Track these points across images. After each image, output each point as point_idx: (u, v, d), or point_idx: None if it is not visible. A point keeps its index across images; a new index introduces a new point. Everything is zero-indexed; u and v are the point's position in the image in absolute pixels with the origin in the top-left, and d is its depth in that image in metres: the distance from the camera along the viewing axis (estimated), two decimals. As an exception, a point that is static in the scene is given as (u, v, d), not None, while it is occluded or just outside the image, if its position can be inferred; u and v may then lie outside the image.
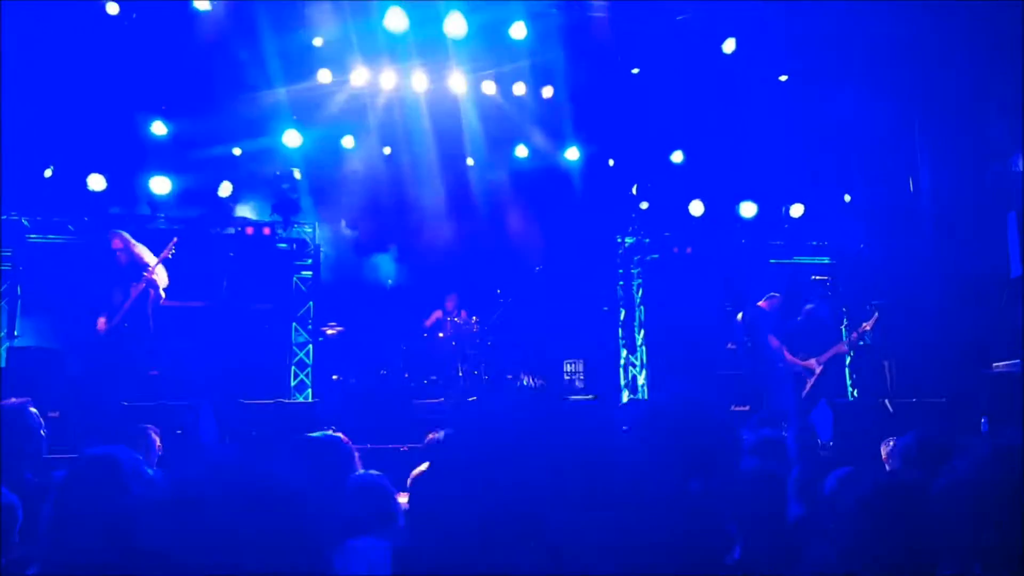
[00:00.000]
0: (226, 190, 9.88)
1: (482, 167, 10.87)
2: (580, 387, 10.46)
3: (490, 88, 10.10)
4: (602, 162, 10.97)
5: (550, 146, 10.79)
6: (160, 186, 9.50)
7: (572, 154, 10.79)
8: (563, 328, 10.72)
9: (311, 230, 10.58)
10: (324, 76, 9.57)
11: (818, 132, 10.46)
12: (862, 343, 9.24)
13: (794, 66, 9.96)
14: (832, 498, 2.66)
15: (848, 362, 10.66)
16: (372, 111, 10.17)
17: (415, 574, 1.76)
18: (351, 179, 10.59)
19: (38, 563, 2.47)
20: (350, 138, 10.43)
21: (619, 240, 11.46)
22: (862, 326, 8.90)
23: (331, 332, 10.50)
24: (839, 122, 10.29)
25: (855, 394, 10.58)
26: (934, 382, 8.65)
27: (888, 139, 10.37)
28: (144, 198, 9.67)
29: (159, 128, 9.37)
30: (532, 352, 10.49)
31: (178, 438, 6.99)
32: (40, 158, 9.21)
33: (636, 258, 11.55)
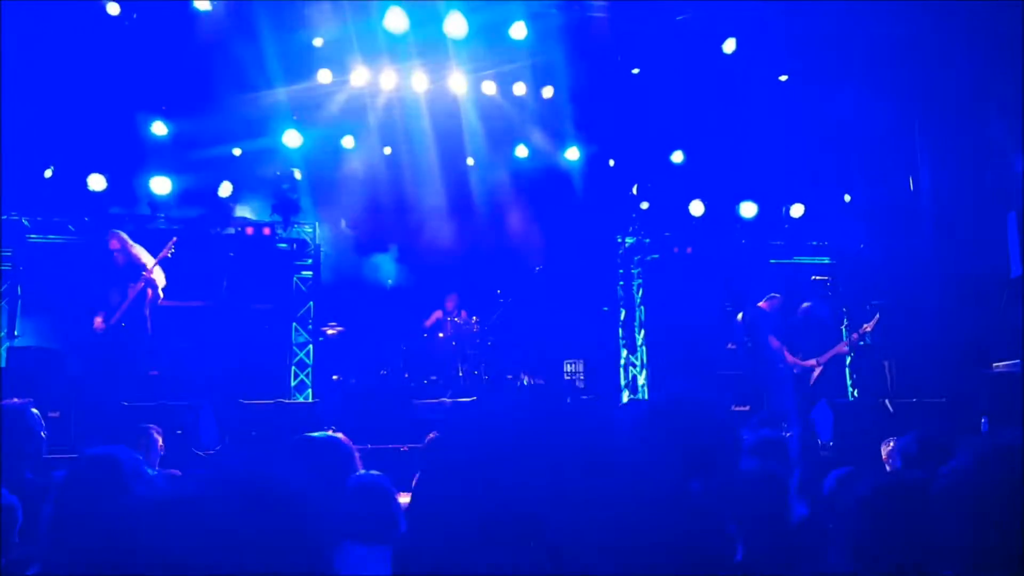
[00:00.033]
0: (226, 190, 9.88)
1: (482, 167, 10.87)
2: (580, 387, 10.47)
3: (490, 88, 10.10)
4: (602, 162, 10.97)
5: (550, 146, 10.79)
6: (160, 186, 9.50)
7: (572, 154, 10.79)
8: (563, 328, 10.72)
9: (311, 230, 10.58)
10: (324, 76, 9.57)
11: (818, 132, 10.46)
12: (862, 343, 9.24)
13: (794, 66, 9.95)
14: (832, 498, 2.66)
15: (848, 362, 10.66)
16: (372, 111, 10.18)
17: (415, 574, 1.76)
18: (351, 179, 10.59)
19: (38, 563, 2.47)
20: (350, 138, 10.43)
21: (619, 240, 11.46)
22: (863, 327, 8.90)
23: (331, 332, 10.50)
24: (839, 122, 10.29)
25: (855, 394, 10.58)
26: (934, 382, 8.65)
27: (888, 139, 10.37)
28: (144, 198, 9.67)
29: (159, 128, 9.37)
30: (532, 352, 10.50)
31: (178, 438, 7.00)
32: (40, 158, 9.21)
33: (636, 258, 11.55)
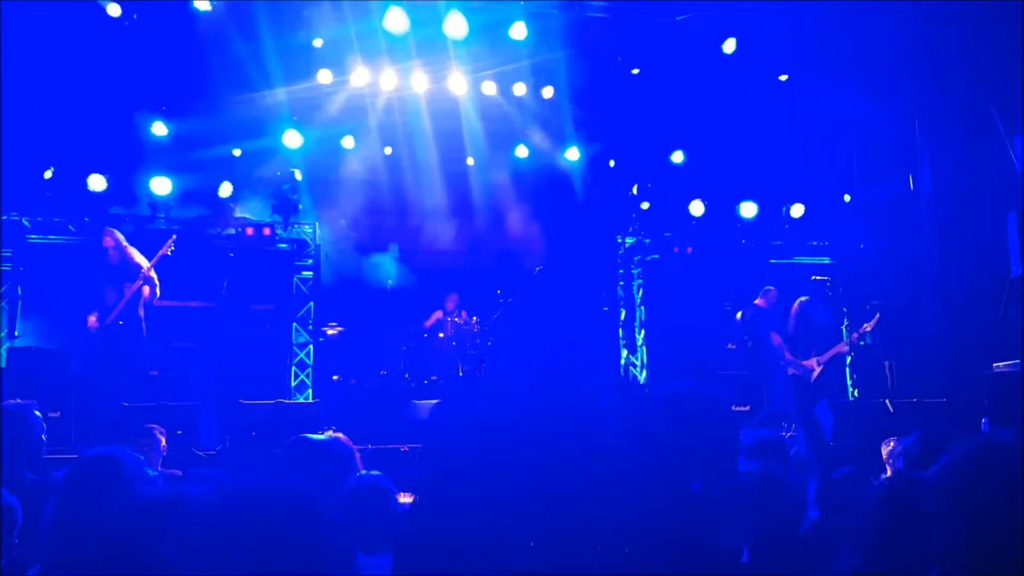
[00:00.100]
0: (226, 190, 9.88)
1: (482, 167, 10.87)
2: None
3: (490, 88, 10.10)
4: (602, 162, 10.98)
5: (550, 146, 10.79)
6: (160, 186, 9.50)
7: (572, 154, 10.79)
8: (563, 328, 10.71)
9: (311, 230, 10.58)
10: (324, 76, 9.57)
11: (818, 132, 10.46)
12: (863, 343, 9.24)
13: (794, 66, 9.95)
14: (839, 498, 2.66)
15: (848, 362, 10.66)
16: (372, 111, 10.18)
17: (416, 574, 1.76)
18: (351, 179, 10.59)
19: (38, 563, 2.47)
20: (350, 138, 10.43)
21: (619, 240, 11.46)
22: (863, 327, 8.90)
23: (331, 332, 10.50)
24: (839, 122, 10.30)
25: (855, 394, 10.58)
26: (934, 382, 8.65)
27: (888, 139, 10.37)
28: (144, 198, 9.67)
29: (159, 128, 9.37)
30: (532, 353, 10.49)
31: (179, 438, 7.00)
32: (40, 158, 9.22)
33: (636, 258, 11.56)
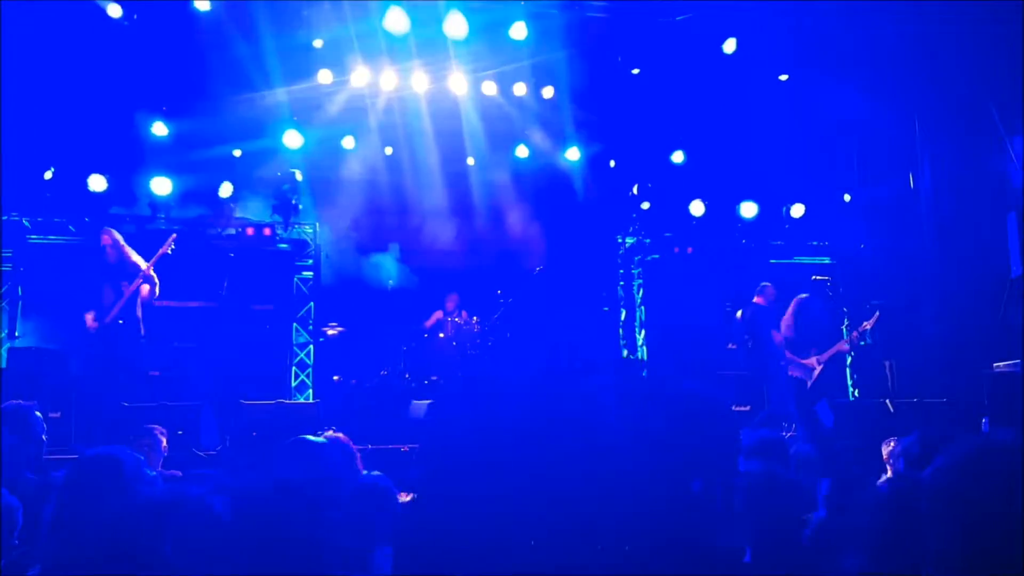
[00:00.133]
0: (227, 191, 9.88)
1: (482, 167, 10.87)
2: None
3: (490, 88, 10.10)
4: (603, 162, 10.98)
5: (550, 146, 10.79)
6: (160, 187, 9.50)
7: (572, 154, 10.79)
8: (564, 328, 10.71)
9: (311, 230, 10.58)
10: (324, 76, 9.57)
11: (818, 132, 10.46)
12: (863, 343, 9.24)
13: (794, 66, 9.95)
14: (844, 498, 2.65)
15: (849, 362, 10.66)
16: (372, 112, 10.18)
17: (416, 574, 1.76)
18: (351, 180, 10.59)
19: (38, 564, 2.47)
20: (351, 139, 10.43)
21: (620, 240, 11.46)
22: (863, 324, 8.91)
23: (332, 333, 10.50)
24: (839, 122, 10.30)
25: (855, 394, 10.58)
26: (934, 382, 8.65)
27: (888, 138, 10.37)
28: (144, 198, 9.68)
29: (159, 129, 9.37)
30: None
31: (179, 439, 7.00)
32: (41, 159, 9.22)
33: (637, 258, 11.56)
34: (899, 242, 10.39)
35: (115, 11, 8.58)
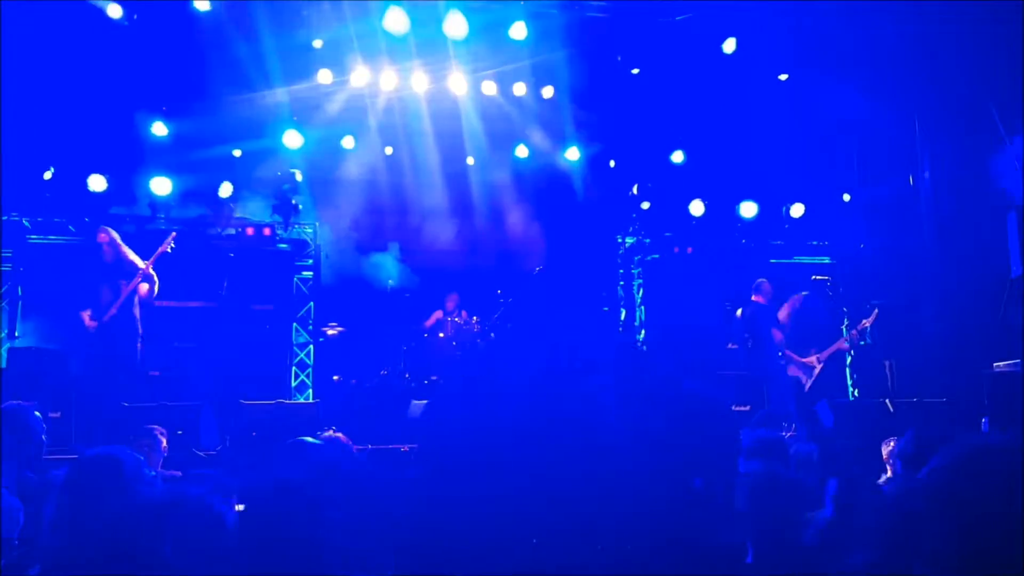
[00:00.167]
0: (227, 191, 9.88)
1: (482, 167, 10.87)
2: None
3: (490, 88, 10.10)
4: (602, 162, 10.98)
5: (550, 146, 10.79)
6: (160, 187, 9.50)
7: (572, 154, 10.79)
8: (563, 328, 10.71)
9: (311, 230, 10.59)
10: (324, 76, 9.57)
11: (818, 132, 10.46)
12: (863, 342, 9.24)
13: (794, 66, 9.95)
14: (849, 498, 2.65)
15: (848, 362, 10.66)
16: (372, 111, 10.18)
17: (416, 574, 1.76)
18: (351, 180, 10.59)
19: (38, 564, 2.47)
20: (350, 139, 10.43)
21: (619, 240, 11.46)
22: (862, 323, 8.93)
23: (332, 333, 10.50)
24: (839, 122, 10.29)
25: (855, 394, 10.58)
26: (934, 382, 8.65)
27: (888, 138, 10.37)
28: (144, 198, 9.68)
29: (159, 129, 9.37)
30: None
31: (179, 439, 7.00)
32: (41, 159, 9.22)
33: (636, 258, 11.56)
34: (899, 242, 10.39)
35: (115, 11, 8.57)
